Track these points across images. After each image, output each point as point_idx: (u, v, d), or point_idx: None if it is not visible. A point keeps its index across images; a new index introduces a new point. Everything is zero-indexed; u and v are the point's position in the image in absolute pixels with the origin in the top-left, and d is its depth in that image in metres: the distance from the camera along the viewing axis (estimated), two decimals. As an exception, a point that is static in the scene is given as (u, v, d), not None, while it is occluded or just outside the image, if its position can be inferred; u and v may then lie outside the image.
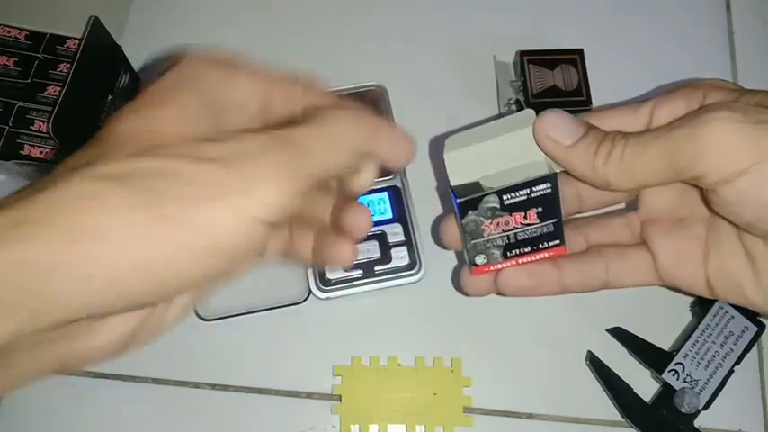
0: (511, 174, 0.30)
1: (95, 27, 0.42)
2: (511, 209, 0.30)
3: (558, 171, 0.29)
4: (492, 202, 0.30)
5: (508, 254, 0.32)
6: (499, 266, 0.32)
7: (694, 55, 0.51)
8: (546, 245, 0.31)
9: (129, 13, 0.51)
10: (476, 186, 0.30)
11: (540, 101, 0.47)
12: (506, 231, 0.31)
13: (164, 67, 0.23)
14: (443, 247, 0.34)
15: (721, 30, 0.52)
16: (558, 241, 0.31)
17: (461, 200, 0.30)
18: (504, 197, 0.30)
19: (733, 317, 0.42)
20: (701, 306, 0.43)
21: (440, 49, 0.51)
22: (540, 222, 0.31)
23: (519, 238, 0.31)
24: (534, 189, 0.30)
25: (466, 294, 0.34)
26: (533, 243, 0.31)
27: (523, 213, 0.30)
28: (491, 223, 0.31)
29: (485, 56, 0.50)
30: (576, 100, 0.47)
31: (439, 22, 0.52)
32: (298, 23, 0.52)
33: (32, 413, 0.43)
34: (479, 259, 0.32)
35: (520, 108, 0.48)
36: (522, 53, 0.48)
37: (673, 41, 0.52)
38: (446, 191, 0.31)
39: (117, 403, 0.43)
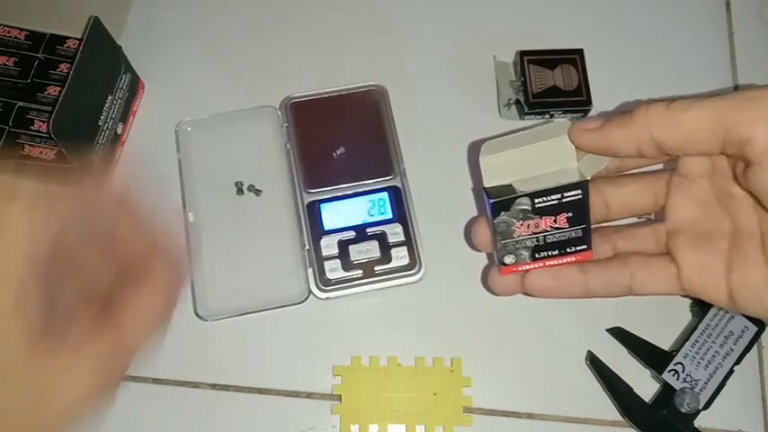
0: (544, 179, 0.31)
1: (95, 27, 0.42)
2: (542, 212, 0.31)
3: (588, 178, 0.30)
4: (524, 204, 0.31)
5: (536, 255, 0.32)
6: (527, 267, 0.33)
7: (694, 55, 0.51)
8: (573, 249, 0.32)
9: (129, 12, 0.51)
10: (509, 189, 0.31)
11: (540, 101, 0.47)
12: (536, 233, 0.32)
13: None
14: (474, 248, 0.35)
15: (721, 30, 0.52)
16: (585, 246, 0.32)
17: (494, 200, 0.31)
18: (536, 200, 0.31)
19: (733, 317, 0.42)
20: (701, 306, 0.43)
21: (440, 49, 0.51)
22: (570, 227, 0.31)
23: (548, 240, 0.32)
24: (565, 194, 0.30)
25: (494, 294, 0.35)
26: (561, 246, 0.32)
27: (554, 217, 0.31)
28: (522, 225, 0.31)
29: (485, 56, 0.50)
30: (576, 100, 0.47)
31: (439, 21, 0.52)
32: (297, 24, 0.52)
33: (32, 413, 0.43)
34: (508, 259, 0.33)
35: (520, 108, 0.48)
36: (522, 53, 0.48)
37: (673, 41, 0.52)
38: (481, 193, 0.32)
39: (117, 403, 0.43)
